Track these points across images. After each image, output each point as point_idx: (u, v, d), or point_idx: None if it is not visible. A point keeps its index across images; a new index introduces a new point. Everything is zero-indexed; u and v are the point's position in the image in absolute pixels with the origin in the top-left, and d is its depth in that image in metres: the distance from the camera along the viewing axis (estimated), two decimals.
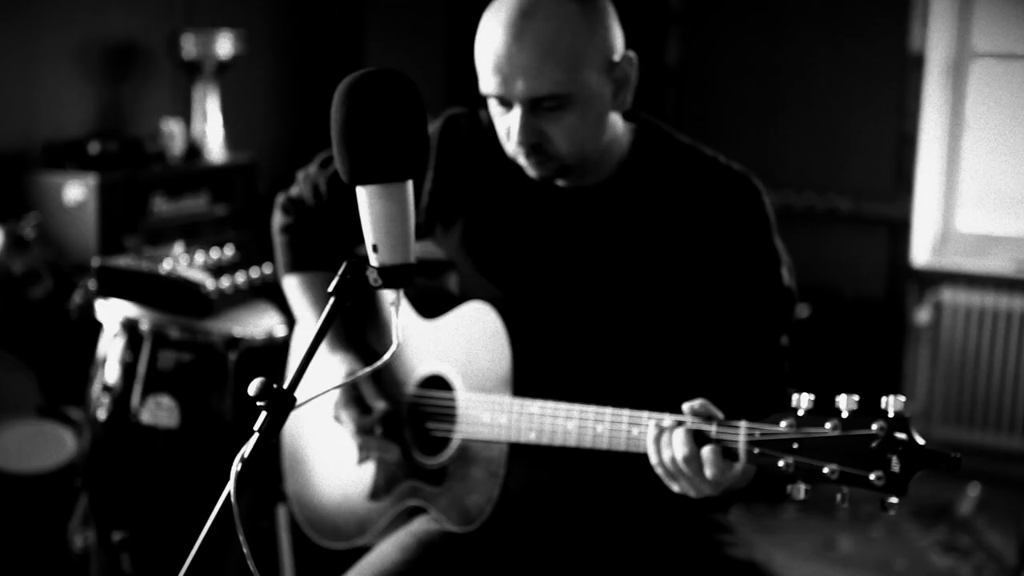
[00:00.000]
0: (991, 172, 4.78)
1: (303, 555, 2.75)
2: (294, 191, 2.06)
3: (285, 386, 1.38)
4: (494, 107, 1.77)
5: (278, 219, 2.07)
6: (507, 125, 1.75)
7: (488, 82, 1.73)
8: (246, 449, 1.34)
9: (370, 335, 2.00)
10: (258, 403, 1.36)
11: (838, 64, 4.74)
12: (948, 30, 4.64)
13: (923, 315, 4.65)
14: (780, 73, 4.84)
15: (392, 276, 1.48)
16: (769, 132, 4.88)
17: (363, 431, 1.85)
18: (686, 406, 1.56)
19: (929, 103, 4.62)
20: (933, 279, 4.67)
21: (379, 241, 1.49)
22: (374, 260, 1.49)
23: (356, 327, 2.01)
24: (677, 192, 1.80)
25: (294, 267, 2.04)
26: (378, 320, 2.01)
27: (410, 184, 1.50)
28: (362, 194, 1.49)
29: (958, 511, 4.20)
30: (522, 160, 1.77)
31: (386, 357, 1.49)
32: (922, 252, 4.74)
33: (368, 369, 1.56)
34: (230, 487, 1.31)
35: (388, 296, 1.51)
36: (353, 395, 1.86)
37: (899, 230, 4.67)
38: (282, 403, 1.37)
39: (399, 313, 1.50)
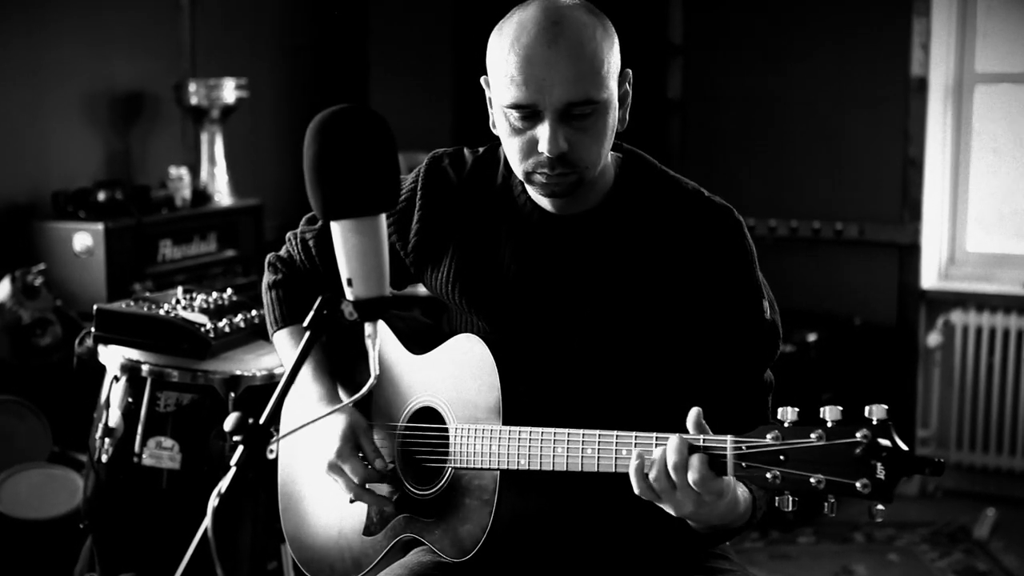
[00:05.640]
0: (997, 193, 4.77)
1: None
2: (283, 251, 2.06)
3: (262, 421, 1.40)
4: (514, 122, 1.73)
5: (267, 277, 2.06)
6: (527, 139, 1.73)
7: (517, 92, 1.69)
8: (223, 484, 1.36)
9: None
10: (234, 438, 1.38)
11: (841, 91, 4.75)
12: (949, 53, 4.65)
13: (933, 338, 4.63)
14: (783, 101, 4.85)
15: (367, 309, 1.51)
16: (774, 160, 4.89)
17: (361, 485, 1.85)
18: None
19: (933, 126, 4.62)
20: (943, 302, 4.66)
21: (354, 275, 1.52)
22: (349, 294, 1.52)
23: (355, 380, 2.01)
24: (660, 223, 1.81)
25: (285, 322, 2.02)
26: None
27: (383, 218, 1.53)
28: (336, 229, 1.52)
29: (974, 534, 4.16)
30: (538, 177, 1.74)
31: (365, 390, 1.51)
32: (931, 275, 4.72)
33: (348, 401, 1.58)
34: (207, 522, 1.32)
35: (365, 329, 1.52)
36: (353, 447, 1.85)
37: (907, 254, 4.66)
38: (258, 437, 1.39)
39: (376, 346, 1.53)
